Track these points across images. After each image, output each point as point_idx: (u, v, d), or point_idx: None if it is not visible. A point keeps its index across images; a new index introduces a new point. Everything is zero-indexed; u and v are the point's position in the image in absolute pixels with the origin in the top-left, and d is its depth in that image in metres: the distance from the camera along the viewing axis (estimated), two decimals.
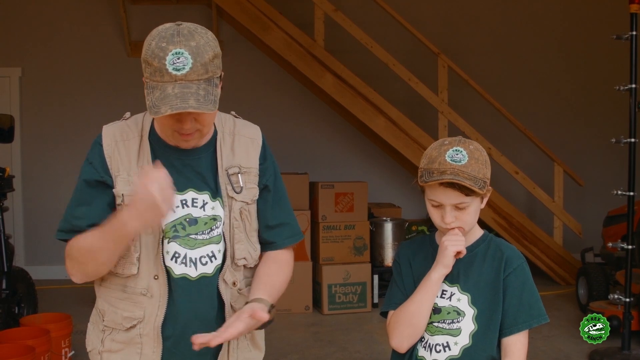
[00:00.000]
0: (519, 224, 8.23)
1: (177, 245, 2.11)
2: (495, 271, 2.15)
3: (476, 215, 2.16)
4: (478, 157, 2.09)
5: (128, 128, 2.15)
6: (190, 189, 2.14)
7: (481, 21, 9.40)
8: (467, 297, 2.15)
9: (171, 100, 1.89)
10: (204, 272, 2.13)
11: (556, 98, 9.50)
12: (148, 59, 1.91)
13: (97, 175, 2.10)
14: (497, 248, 2.20)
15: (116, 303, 2.13)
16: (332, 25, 7.94)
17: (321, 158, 9.03)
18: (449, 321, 2.16)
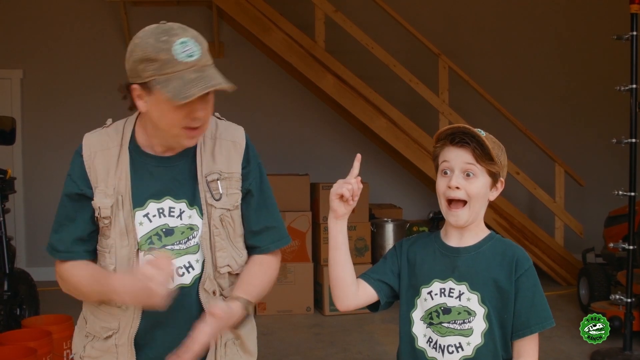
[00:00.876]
0: (520, 224, 8.23)
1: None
2: (505, 271, 2.10)
3: (483, 195, 2.11)
4: (494, 141, 2.11)
5: (108, 137, 2.14)
6: (167, 197, 2.12)
7: (482, 22, 9.39)
8: (477, 296, 2.11)
9: (196, 84, 1.90)
10: (182, 282, 2.11)
11: (557, 98, 9.49)
12: (151, 56, 1.92)
13: (76, 189, 2.11)
14: (506, 248, 2.15)
15: (96, 312, 2.16)
16: (332, 26, 7.94)
17: (322, 159, 9.02)
18: (460, 321, 2.12)
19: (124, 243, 2.08)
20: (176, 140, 2.07)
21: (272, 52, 8.02)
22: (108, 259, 2.10)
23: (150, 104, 2.00)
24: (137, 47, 1.96)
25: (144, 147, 2.14)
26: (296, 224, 7.01)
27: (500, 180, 2.13)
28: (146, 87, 1.96)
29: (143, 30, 1.99)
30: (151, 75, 1.93)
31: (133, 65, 1.96)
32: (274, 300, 6.84)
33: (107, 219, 2.08)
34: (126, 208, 2.08)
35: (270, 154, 8.87)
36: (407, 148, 7.93)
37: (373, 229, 7.31)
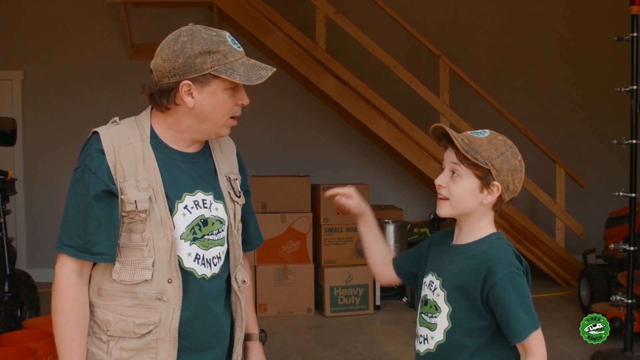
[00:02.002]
0: (520, 225, 8.23)
1: (197, 247, 2.16)
2: (474, 277, 2.09)
3: (467, 197, 2.12)
4: (495, 144, 2.11)
5: (126, 132, 2.15)
6: (198, 190, 2.19)
7: (482, 23, 9.39)
8: (444, 293, 2.14)
9: (259, 67, 2.13)
10: (214, 272, 2.21)
11: (557, 99, 9.49)
12: (211, 48, 2.06)
13: (103, 186, 2.07)
14: (487, 251, 2.12)
15: (124, 311, 2.12)
16: (333, 28, 7.94)
17: (323, 160, 9.03)
18: (430, 314, 2.19)
19: (160, 235, 2.09)
20: (218, 131, 2.19)
21: (272, 53, 8.02)
22: (146, 252, 2.09)
23: (204, 96, 2.10)
24: (191, 43, 2.06)
25: (167, 142, 2.19)
26: (297, 225, 7.02)
27: (495, 184, 2.10)
28: (203, 79, 2.07)
29: (181, 31, 2.11)
30: (213, 65, 2.06)
31: (187, 61, 2.05)
32: (275, 302, 6.85)
33: (144, 213, 2.08)
34: (160, 201, 2.10)
35: (271, 156, 8.89)
36: (407, 149, 7.93)
37: None
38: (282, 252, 7.01)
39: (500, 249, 2.13)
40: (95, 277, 2.15)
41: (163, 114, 2.15)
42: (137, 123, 2.18)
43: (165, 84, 2.09)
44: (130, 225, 2.10)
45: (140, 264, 2.10)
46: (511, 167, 2.10)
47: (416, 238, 8.47)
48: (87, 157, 2.10)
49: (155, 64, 2.11)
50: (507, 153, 2.11)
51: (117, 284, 2.12)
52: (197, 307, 2.16)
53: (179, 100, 2.10)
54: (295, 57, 7.74)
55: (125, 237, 2.11)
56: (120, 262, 2.11)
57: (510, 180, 2.11)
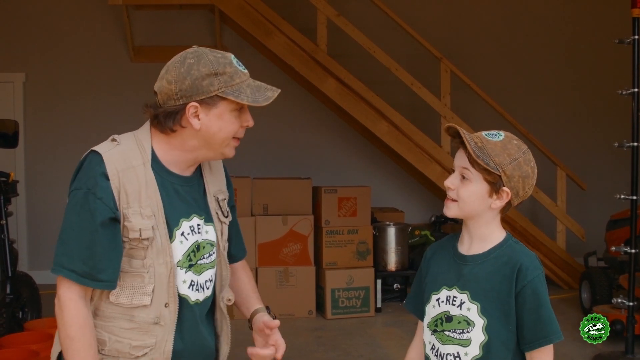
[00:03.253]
0: (522, 228, 8.22)
1: (192, 274, 2.18)
2: (507, 280, 2.06)
3: (475, 201, 2.08)
4: (509, 149, 2.06)
5: (128, 154, 2.11)
6: (193, 214, 2.20)
7: (484, 25, 9.39)
8: (476, 306, 2.08)
9: (265, 89, 2.15)
10: (207, 295, 2.26)
11: (558, 102, 9.50)
12: (218, 70, 2.07)
13: (110, 213, 2.04)
14: (512, 255, 2.09)
15: (121, 333, 2.12)
16: (334, 30, 7.94)
17: (324, 163, 9.02)
18: (459, 331, 2.10)
19: (160, 261, 2.10)
20: (223, 152, 2.19)
21: (274, 55, 8.03)
22: (147, 279, 2.10)
23: (211, 117, 2.09)
24: (198, 65, 2.05)
25: (167, 164, 2.17)
26: (298, 228, 7.01)
27: (504, 190, 2.06)
28: (210, 101, 2.07)
29: (187, 53, 2.10)
30: (220, 87, 2.06)
31: (195, 83, 2.05)
32: (276, 304, 6.76)
33: (147, 240, 2.08)
34: (161, 227, 2.10)
35: (272, 158, 8.89)
36: (409, 152, 7.93)
37: (375, 232, 7.30)
38: (283, 254, 7.00)
39: (525, 251, 2.11)
40: (93, 297, 2.13)
41: (166, 135, 2.13)
42: (137, 143, 2.14)
43: (171, 107, 2.07)
44: (131, 251, 2.09)
45: (140, 289, 2.10)
46: (523, 173, 2.07)
47: (417, 240, 8.45)
48: (89, 180, 2.04)
49: (160, 87, 2.09)
50: (520, 159, 2.06)
51: (114, 305, 2.11)
52: (189, 330, 2.19)
53: (185, 122, 2.09)
54: (297, 60, 7.74)
55: (125, 262, 2.09)
56: (119, 286, 2.10)
57: (520, 187, 2.08)
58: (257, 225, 6.97)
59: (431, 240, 8.54)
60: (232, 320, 2.40)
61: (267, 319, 2.28)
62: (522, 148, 2.08)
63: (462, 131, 2.07)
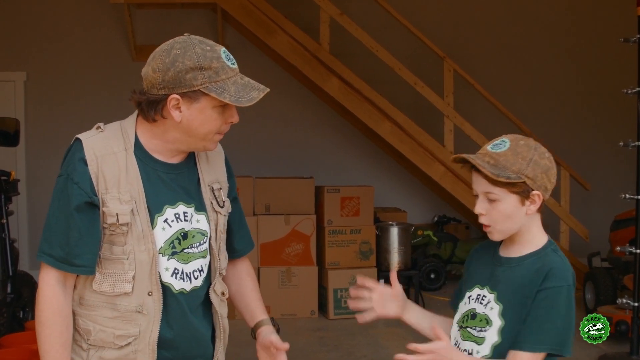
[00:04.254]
0: None
1: (175, 262, 2.13)
2: (531, 284, 2.00)
3: (509, 215, 2.03)
4: (520, 152, 1.99)
5: (110, 140, 2.10)
6: (180, 202, 2.16)
7: (487, 24, 9.36)
8: (499, 307, 2.05)
9: (251, 87, 2.05)
10: (195, 285, 2.19)
11: (562, 101, 9.47)
12: (204, 64, 1.99)
13: (86, 197, 2.04)
14: (545, 265, 2.02)
15: (104, 322, 2.10)
16: (337, 29, 7.92)
17: (326, 162, 9.00)
18: (478, 328, 2.08)
19: (141, 248, 2.07)
20: (205, 145, 2.14)
21: (276, 55, 8.00)
22: (127, 266, 2.07)
23: (192, 111, 2.04)
24: (183, 57, 1.99)
25: (152, 152, 2.14)
26: (301, 227, 6.99)
27: (534, 193, 2.00)
28: (192, 95, 2.01)
29: (175, 42, 2.04)
30: (203, 82, 2.00)
31: (178, 76, 1.99)
32: (278, 304, 6.80)
33: (126, 226, 2.05)
34: (142, 213, 2.07)
35: (274, 157, 8.86)
36: (412, 152, 7.89)
37: (378, 232, 7.26)
38: (285, 254, 6.97)
39: (561, 261, 2.03)
40: (77, 285, 2.12)
41: (150, 123, 2.11)
42: (122, 130, 2.13)
43: (153, 95, 2.03)
44: (112, 237, 2.07)
45: (121, 276, 2.07)
46: (543, 169, 2.00)
47: (420, 241, 8.43)
48: (69, 166, 2.06)
49: (145, 73, 2.06)
50: (535, 157, 1.99)
51: (97, 294, 2.09)
52: (177, 320, 2.14)
53: (166, 113, 2.05)
54: (299, 59, 7.71)
55: (106, 249, 2.08)
56: (101, 273, 2.08)
57: (547, 182, 2.02)
58: (260, 224, 6.94)
59: (434, 241, 8.52)
60: (233, 321, 2.38)
61: (275, 338, 2.25)
62: (531, 145, 2.02)
63: (471, 157, 2.01)
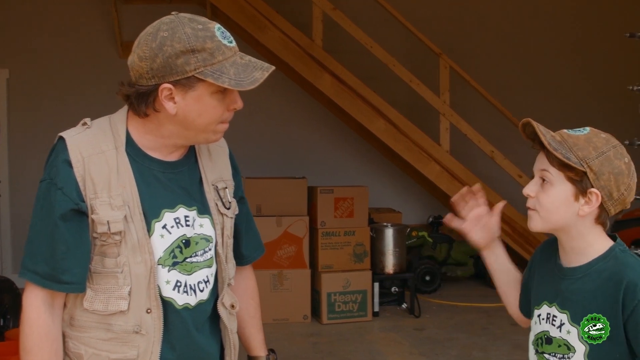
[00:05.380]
0: (522, 229, 8.04)
1: (177, 273, 1.90)
2: (611, 299, 1.76)
3: (560, 207, 1.80)
4: (595, 142, 1.78)
5: (97, 138, 1.86)
6: (180, 205, 1.91)
7: (484, 21, 9.28)
8: (577, 330, 1.81)
9: (254, 67, 1.81)
10: (201, 299, 1.95)
11: (564, 99, 9.39)
12: (196, 46, 1.75)
13: (72, 204, 1.80)
14: (616, 269, 1.79)
15: (98, 345, 1.86)
16: (330, 25, 7.76)
17: (319, 162, 8.86)
18: (560, 355, 1.85)
19: (137, 259, 1.83)
20: (207, 137, 1.90)
21: (267, 51, 7.82)
22: (121, 280, 1.83)
23: (188, 101, 1.80)
24: (172, 40, 1.76)
25: (146, 149, 1.90)
26: (293, 229, 6.83)
27: (593, 191, 1.77)
28: (186, 82, 1.77)
29: (161, 23, 1.81)
30: (197, 67, 1.76)
31: (167, 62, 1.75)
32: (270, 308, 6.61)
33: (118, 235, 1.81)
34: (137, 219, 1.83)
35: (265, 157, 8.72)
36: (407, 150, 7.74)
37: (372, 234, 7.11)
38: (277, 256, 6.82)
39: (631, 263, 1.80)
40: (67, 304, 1.89)
41: (141, 118, 1.87)
42: (111, 126, 1.89)
43: (143, 87, 1.80)
44: (103, 249, 1.83)
45: (115, 292, 1.84)
46: (614, 169, 1.77)
47: (414, 242, 8.29)
48: (52, 169, 1.83)
49: (131, 62, 1.82)
50: (610, 153, 1.78)
51: (89, 313, 1.86)
52: (180, 340, 1.91)
53: (159, 105, 1.81)
54: (291, 55, 7.54)
55: (97, 262, 1.84)
56: (93, 290, 1.85)
57: (613, 186, 1.78)
58: None
59: (429, 242, 8.36)
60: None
61: None
62: (612, 142, 1.80)
63: (536, 124, 1.80)
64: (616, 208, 1.81)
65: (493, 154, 8.00)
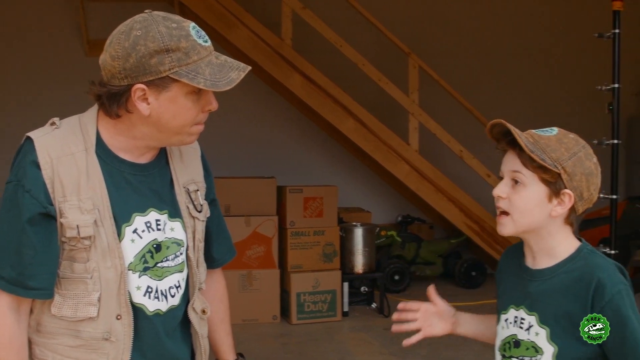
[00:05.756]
0: (490, 228, 8.05)
1: (148, 278, 1.86)
2: (582, 301, 1.76)
3: (533, 208, 1.80)
4: (566, 143, 1.79)
5: (67, 138, 1.81)
6: (151, 208, 1.88)
7: (454, 21, 9.30)
8: (545, 331, 1.80)
9: (230, 67, 1.78)
10: (172, 304, 1.92)
11: (532, 99, 9.45)
12: (170, 45, 1.72)
13: (40, 207, 1.75)
14: (585, 269, 1.79)
15: (66, 351, 1.82)
16: (300, 24, 7.71)
17: (288, 161, 8.81)
18: (527, 358, 1.85)
19: (107, 264, 1.79)
20: (181, 140, 1.87)
21: (237, 50, 7.75)
22: (91, 286, 1.79)
23: (162, 102, 1.77)
24: (145, 39, 1.72)
25: (116, 150, 1.86)
26: (262, 229, 6.79)
27: (566, 192, 1.78)
28: (160, 83, 1.73)
29: (134, 21, 1.77)
30: (172, 67, 1.72)
31: (140, 62, 1.71)
32: (239, 309, 6.55)
33: (88, 239, 1.77)
34: (107, 224, 1.79)
35: (234, 156, 8.64)
36: (376, 150, 7.73)
37: (342, 233, 7.09)
38: (246, 257, 6.77)
39: (601, 263, 1.80)
40: (34, 310, 1.84)
41: (113, 119, 1.83)
42: (81, 126, 1.85)
43: (115, 87, 1.76)
44: (72, 253, 1.79)
45: (84, 298, 1.79)
46: (585, 170, 1.78)
47: (383, 241, 8.28)
48: (19, 170, 1.77)
49: (103, 61, 1.78)
50: (581, 154, 1.79)
51: (57, 319, 1.82)
52: (151, 346, 1.88)
53: (132, 106, 1.77)
54: (261, 54, 7.49)
55: (66, 267, 1.80)
56: (61, 295, 1.80)
57: (584, 187, 1.79)
58: None
59: (398, 241, 8.36)
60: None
61: None
62: (581, 142, 1.82)
63: (511, 126, 1.79)
64: (584, 207, 1.83)
65: (462, 153, 8.02)
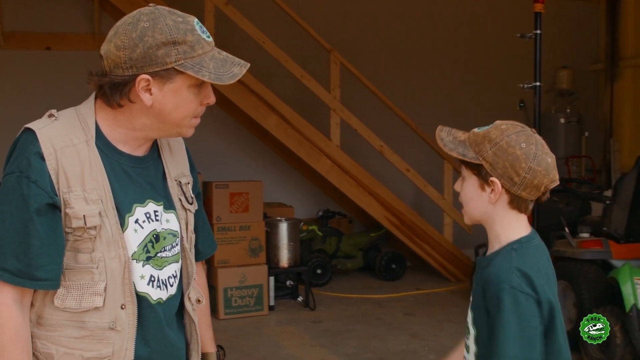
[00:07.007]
0: (410, 221, 8.25)
1: (151, 268, 1.90)
2: (481, 291, 1.90)
3: (472, 198, 1.97)
4: (491, 135, 1.91)
5: (67, 130, 1.82)
6: (149, 200, 1.91)
7: (376, 18, 9.39)
8: (471, 315, 1.97)
9: (232, 63, 1.82)
10: (171, 293, 1.97)
11: (452, 97, 9.66)
12: (177, 38, 1.75)
13: (47, 198, 1.75)
14: (490, 265, 1.91)
15: (71, 343, 1.82)
16: (222, 20, 7.67)
17: (212, 157, 8.71)
18: (466, 338, 2.03)
19: (112, 254, 1.81)
20: (180, 132, 1.91)
21: None
22: (97, 276, 1.80)
23: (165, 93, 1.80)
24: (153, 31, 1.74)
25: (115, 142, 1.87)
26: None
27: (493, 180, 1.89)
28: (164, 74, 1.76)
29: (141, 13, 1.79)
30: (178, 59, 1.75)
31: (147, 52, 1.74)
32: None
33: (94, 230, 1.78)
34: (110, 214, 1.81)
35: None
36: (299, 145, 7.79)
37: (267, 228, 7.13)
38: None
39: (504, 264, 1.87)
40: (34, 303, 1.83)
41: (113, 109, 1.84)
42: (80, 118, 1.85)
43: (118, 77, 1.77)
44: (77, 244, 1.80)
45: (90, 288, 1.81)
46: (508, 157, 1.87)
47: (304, 235, 8.34)
48: (23, 161, 1.76)
49: (107, 51, 1.79)
50: (502, 142, 1.88)
51: (60, 311, 1.82)
52: (154, 335, 1.91)
53: (135, 96, 1.80)
54: None
55: (70, 257, 1.81)
56: (64, 287, 1.81)
57: (512, 173, 1.87)
58: None
59: (319, 236, 8.45)
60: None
61: None
62: (508, 131, 1.90)
63: (438, 132, 2.01)
64: (529, 191, 1.89)
65: (382, 148, 8.17)
